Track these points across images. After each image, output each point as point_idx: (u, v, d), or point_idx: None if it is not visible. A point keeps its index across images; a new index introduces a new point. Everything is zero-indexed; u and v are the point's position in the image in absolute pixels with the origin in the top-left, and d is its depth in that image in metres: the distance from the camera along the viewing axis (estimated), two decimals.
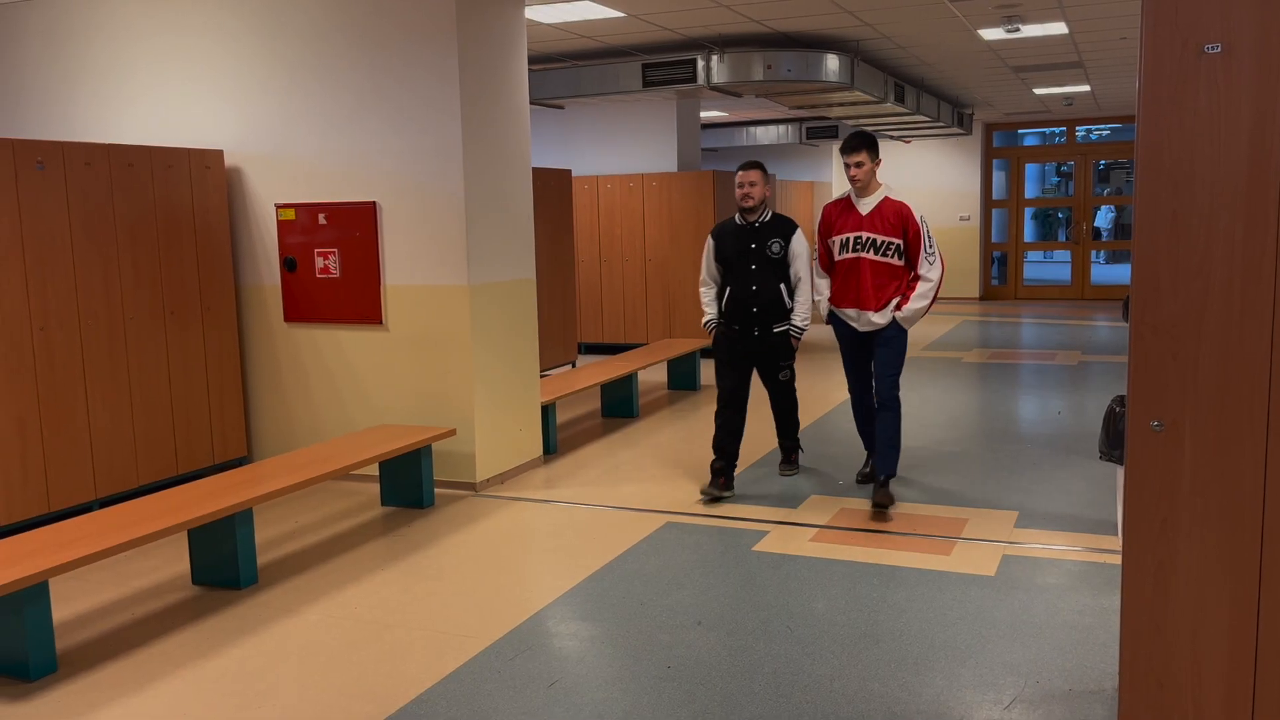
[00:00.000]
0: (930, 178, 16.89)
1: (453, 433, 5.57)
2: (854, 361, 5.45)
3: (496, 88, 5.84)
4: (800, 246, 5.55)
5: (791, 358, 5.72)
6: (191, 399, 5.91)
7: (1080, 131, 17.25)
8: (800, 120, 14.65)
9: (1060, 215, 21.34)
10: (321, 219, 5.92)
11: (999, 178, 17.67)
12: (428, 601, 4.17)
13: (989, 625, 3.79)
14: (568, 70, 9.11)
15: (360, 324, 5.94)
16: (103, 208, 5.38)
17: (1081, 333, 12.51)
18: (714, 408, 5.82)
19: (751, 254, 5.48)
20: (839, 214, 5.32)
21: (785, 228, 5.52)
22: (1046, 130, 18.48)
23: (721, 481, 5.50)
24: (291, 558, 4.75)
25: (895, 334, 5.22)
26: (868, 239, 5.19)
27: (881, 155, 5.36)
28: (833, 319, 5.43)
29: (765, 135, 15.24)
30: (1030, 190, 19.51)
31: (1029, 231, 19.70)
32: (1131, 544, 2.71)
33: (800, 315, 5.56)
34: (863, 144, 5.16)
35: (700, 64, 8.57)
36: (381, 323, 5.88)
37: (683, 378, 8.95)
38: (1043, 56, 9.93)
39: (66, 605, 4.20)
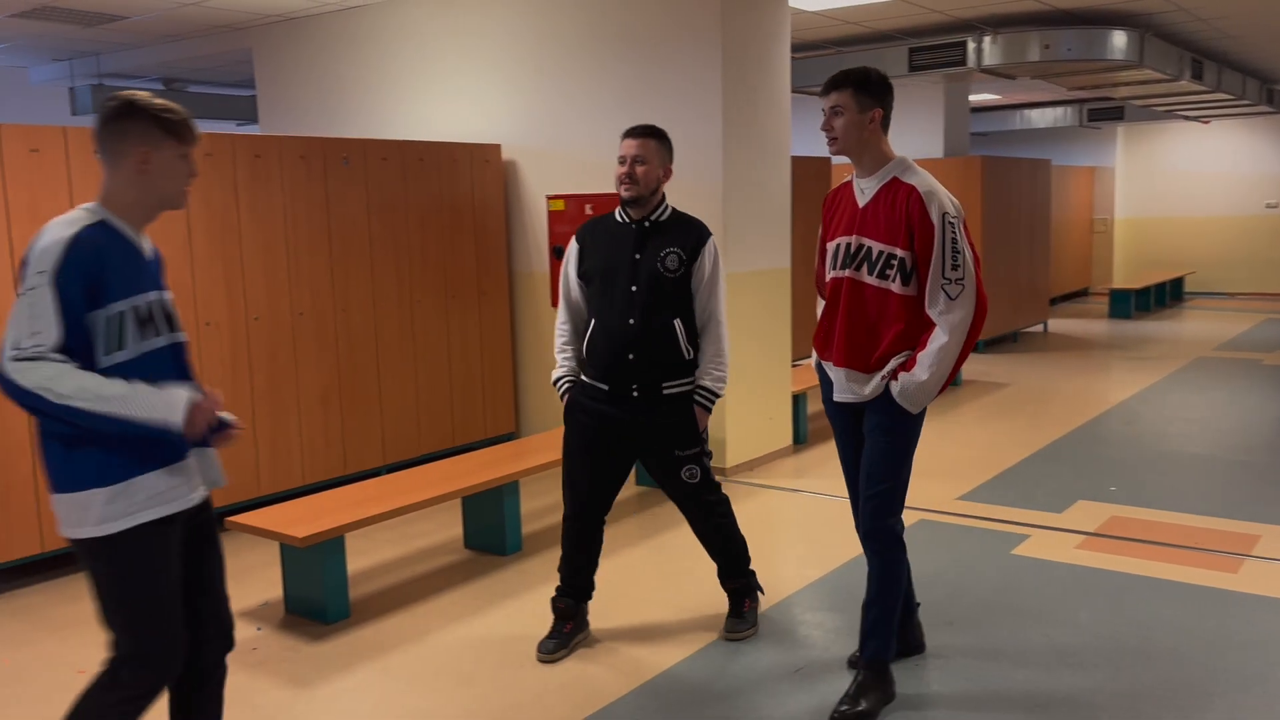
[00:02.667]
0: (1232, 161, 15.45)
1: None
2: (844, 450, 3.33)
3: (757, 80, 5.88)
4: (713, 266, 3.52)
5: (696, 443, 3.56)
6: (468, 377, 6.36)
7: None
8: (1081, 101, 13.72)
9: None
10: (588, 209, 6.19)
11: None
12: (677, 580, 4.30)
13: None
14: (831, 58, 9.01)
15: None
16: (396, 199, 5.89)
17: None
18: (976, 405, 5.41)
19: (634, 268, 3.49)
20: (835, 206, 3.26)
21: (690, 234, 3.53)
22: None
23: (569, 627, 3.69)
24: (551, 530, 5.03)
25: (890, 418, 3.08)
26: (860, 247, 3.08)
27: (1156, 134, 3.84)
28: (819, 372, 3.35)
29: (1041, 118, 14.40)
30: None
31: None
32: None
33: (713, 373, 3.54)
34: (847, 81, 3.03)
35: (970, 46, 8.24)
36: None
37: None
38: None
39: (357, 559, 4.65)
